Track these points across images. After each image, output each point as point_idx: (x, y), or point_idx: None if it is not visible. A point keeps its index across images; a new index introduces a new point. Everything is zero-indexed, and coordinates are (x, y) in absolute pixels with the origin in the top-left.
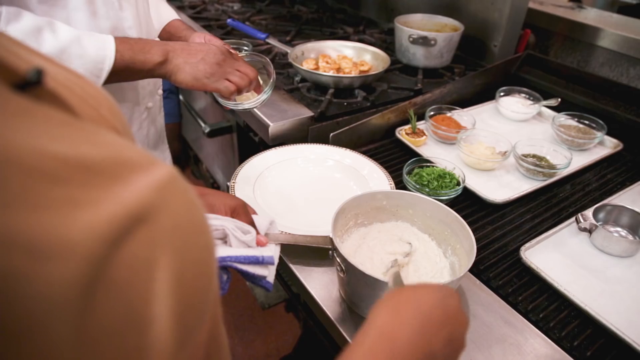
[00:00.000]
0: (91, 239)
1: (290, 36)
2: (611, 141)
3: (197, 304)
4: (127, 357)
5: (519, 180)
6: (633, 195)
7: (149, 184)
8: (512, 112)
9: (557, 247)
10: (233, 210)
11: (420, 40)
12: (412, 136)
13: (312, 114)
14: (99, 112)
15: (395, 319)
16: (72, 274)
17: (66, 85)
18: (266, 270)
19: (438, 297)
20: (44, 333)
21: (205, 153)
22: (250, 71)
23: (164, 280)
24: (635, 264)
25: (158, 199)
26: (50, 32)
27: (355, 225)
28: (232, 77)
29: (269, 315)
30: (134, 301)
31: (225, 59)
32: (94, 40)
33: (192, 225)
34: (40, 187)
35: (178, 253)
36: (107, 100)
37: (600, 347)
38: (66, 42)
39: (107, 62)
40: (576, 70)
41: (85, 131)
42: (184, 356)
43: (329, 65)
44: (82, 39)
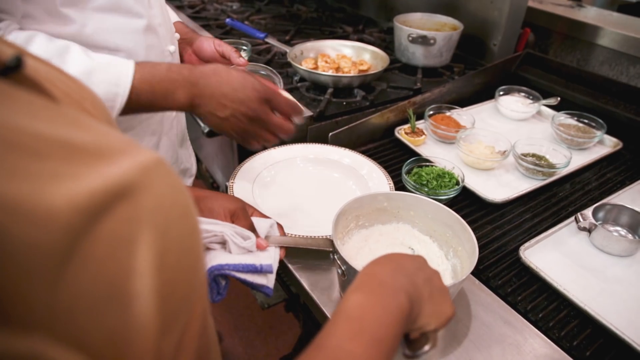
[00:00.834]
0: (70, 209)
1: (289, 35)
2: (611, 140)
3: (182, 288)
4: (110, 333)
5: (519, 180)
6: (633, 194)
7: (132, 164)
8: (511, 111)
9: (556, 247)
10: (233, 213)
11: (420, 40)
12: (411, 135)
13: (311, 113)
14: (82, 105)
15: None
16: (49, 240)
17: (48, 79)
18: (265, 279)
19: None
20: (18, 293)
21: (205, 153)
22: (286, 127)
23: (145, 259)
24: (634, 263)
25: (141, 179)
26: (62, 63)
27: (357, 227)
28: (260, 139)
29: (268, 315)
30: (114, 277)
31: (259, 115)
32: (107, 75)
33: (175, 207)
34: (20, 160)
35: (160, 233)
36: (91, 95)
37: (599, 346)
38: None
39: (117, 101)
40: (576, 69)
41: (68, 115)
42: (171, 342)
43: (328, 64)
44: (93, 73)
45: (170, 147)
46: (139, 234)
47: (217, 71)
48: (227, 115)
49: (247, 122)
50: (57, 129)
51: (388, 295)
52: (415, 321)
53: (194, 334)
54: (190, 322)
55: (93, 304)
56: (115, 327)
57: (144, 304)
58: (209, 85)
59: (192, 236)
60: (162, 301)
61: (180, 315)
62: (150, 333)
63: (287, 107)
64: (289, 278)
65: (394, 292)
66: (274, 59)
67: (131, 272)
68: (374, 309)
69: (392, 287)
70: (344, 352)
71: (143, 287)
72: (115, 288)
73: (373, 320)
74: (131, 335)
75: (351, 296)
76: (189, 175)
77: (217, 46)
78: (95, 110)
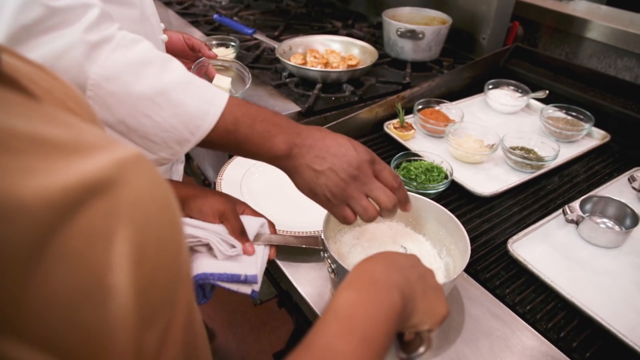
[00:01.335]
0: (41, 203)
1: (278, 31)
2: (599, 132)
3: (163, 282)
4: (86, 331)
5: (507, 173)
6: (620, 186)
7: (109, 159)
8: (500, 105)
9: (544, 239)
10: (222, 214)
11: (408, 34)
12: (400, 130)
13: (300, 109)
14: (66, 104)
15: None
16: (18, 235)
17: (29, 77)
18: (249, 288)
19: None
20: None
21: (196, 150)
22: (387, 199)
23: (123, 253)
24: (621, 255)
25: (118, 173)
26: (159, 69)
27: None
28: (357, 205)
29: (261, 311)
30: (90, 273)
31: (359, 176)
32: (204, 91)
33: (154, 201)
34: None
35: (138, 226)
36: (74, 94)
37: (586, 337)
38: (170, 84)
39: (207, 121)
40: (564, 62)
41: (45, 113)
42: (153, 336)
43: (317, 60)
44: (190, 86)
45: None
46: (117, 228)
47: (322, 129)
48: (325, 169)
49: (347, 179)
50: (32, 125)
51: (380, 292)
52: (409, 319)
53: (179, 328)
54: (174, 317)
55: (68, 301)
56: (92, 324)
57: (122, 299)
58: (312, 136)
59: (172, 230)
60: (141, 295)
61: (163, 310)
62: (130, 328)
63: (393, 178)
64: (278, 275)
65: (386, 289)
66: (262, 55)
67: (108, 267)
68: (365, 307)
69: (385, 284)
70: (333, 351)
71: (121, 281)
72: (91, 284)
73: (364, 318)
74: (110, 332)
75: (342, 293)
76: (181, 162)
77: (187, 40)
78: (79, 108)
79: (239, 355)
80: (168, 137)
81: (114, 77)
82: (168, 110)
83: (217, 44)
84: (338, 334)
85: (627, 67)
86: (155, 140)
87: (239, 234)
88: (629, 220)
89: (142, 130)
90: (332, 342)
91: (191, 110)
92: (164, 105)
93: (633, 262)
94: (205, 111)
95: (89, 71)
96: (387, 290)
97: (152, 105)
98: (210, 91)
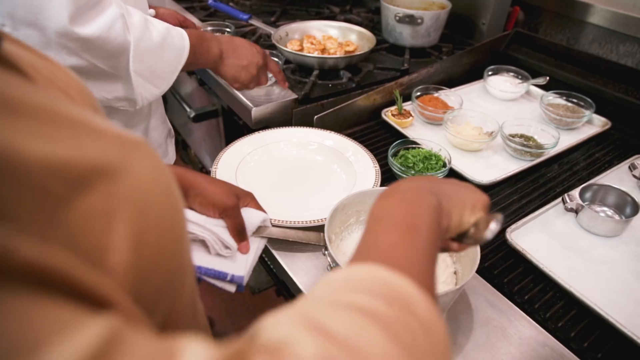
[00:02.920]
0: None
1: (274, 17)
2: (599, 120)
3: (165, 268)
4: None
5: (506, 161)
6: (620, 174)
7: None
8: (500, 92)
9: (543, 228)
10: (223, 210)
11: (407, 19)
12: (398, 117)
13: (296, 96)
14: (67, 92)
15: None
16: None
17: (31, 65)
18: (233, 287)
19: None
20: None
21: (193, 138)
22: (276, 69)
23: (123, 235)
24: (620, 244)
25: (122, 158)
26: (151, 24)
27: (357, 222)
28: (261, 81)
29: (260, 299)
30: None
31: (263, 67)
32: (176, 31)
33: (155, 186)
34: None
35: (139, 210)
36: (76, 83)
37: (584, 327)
38: (164, 32)
39: (185, 51)
40: (565, 47)
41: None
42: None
43: (314, 46)
44: (170, 30)
45: (160, 107)
46: (117, 210)
47: (230, 36)
48: (244, 65)
49: (256, 71)
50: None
51: (413, 194)
52: (450, 216)
53: (180, 316)
54: (176, 303)
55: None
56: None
57: (120, 281)
58: (230, 42)
59: (174, 215)
60: (142, 279)
61: (164, 296)
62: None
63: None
64: (274, 265)
65: (417, 191)
66: (258, 41)
67: (107, 247)
68: (403, 206)
69: (415, 188)
70: (384, 245)
71: (120, 263)
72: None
73: (405, 214)
74: None
75: (377, 203)
76: (172, 136)
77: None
78: (81, 98)
79: None
80: (170, 70)
81: (141, 37)
82: (169, 50)
83: (212, 30)
84: (383, 231)
85: (629, 53)
86: (164, 75)
87: (237, 233)
88: (629, 209)
89: (159, 71)
90: (380, 239)
91: (178, 46)
92: (168, 47)
93: (632, 251)
94: (182, 45)
95: (129, 37)
96: (419, 192)
97: (163, 50)
98: (178, 30)
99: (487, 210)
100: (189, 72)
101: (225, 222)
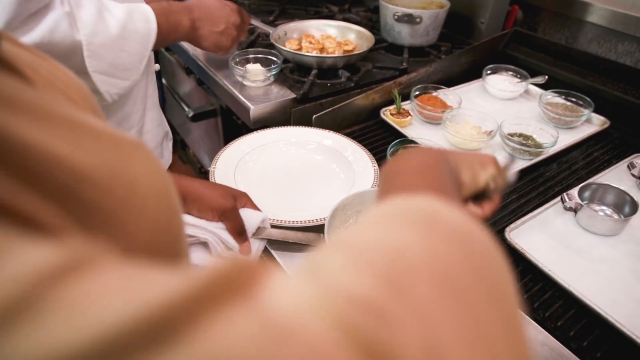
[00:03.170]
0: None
1: (273, 16)
2: (598, 119)
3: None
4: None
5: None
6: (619, 173)
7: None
8: (499, 91)
9: (542, 227)
10: (221, 213)
11: (406, 18)
12: (397, 117)
13: (295, 95)
14: (67, 94)
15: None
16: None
17: (30, 65)
18: None
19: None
20: None
21: (192, 138)
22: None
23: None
24: (619, 243)
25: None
26: (107, 12)
27: (357, 222)
28: (241, 39)
29: None
30: None
31: (241, 25)
32: (139, 14)
33: (151, 187)
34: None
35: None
36: (76, 84)
37: (583, 326)
38: (124, 20)
39: (151, 36)
40: (564, 46)
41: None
42: None
43: (313, 45)
44: (132, 13)
45: (155, 109)
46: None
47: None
48: (222, 30)
49: (236, 32)
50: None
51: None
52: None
53: None
54: None
55: None
56: None
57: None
58: (200, 6)
59: (171, 217)
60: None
61: None
62: None
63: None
64: (271, 264)
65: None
66: (257, 41)
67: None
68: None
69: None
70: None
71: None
72: None
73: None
74: None
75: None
76: (169, 139)
77: None
78: (81, 99)
79: None
80: (136, 60)
81: (93, 33)
82: (132, 39)
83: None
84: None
85: (628, 52)
86: (130, 67)
87: (238, 234)
88: (627, 208)
89: (123, 63)
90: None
91: (142, 32)
92: (129, 36)
93: (631, 250)
94: (148, 29)
95: (78, 36)
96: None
97: (124, 40)
98: (141, 10)
99: (497, 165)
100: (188, 71)
101: (225, 225)
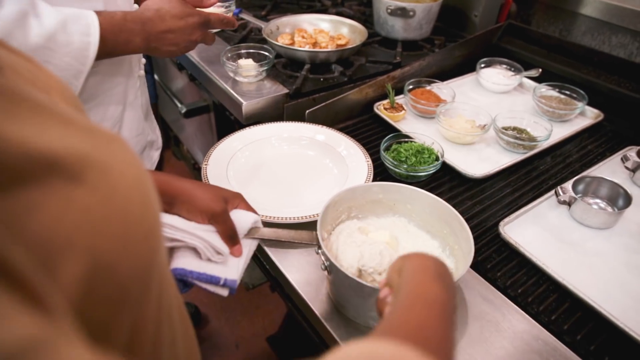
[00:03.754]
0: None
1: (265, 11)
2: (592, 111)
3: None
4: None
5: (499, 154)
6: (613, 165)
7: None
8: (492, 84)
9: (536, 221)
10: (211, 216)
11: (399, 12)
12: (390, 111)
13: (287, 90)
14: (50, 94)
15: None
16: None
17: (12, 67)
18: (226, 291)
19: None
20: None
21: (186, 134)
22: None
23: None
24: (613, 235)
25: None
26: (35, 18)
27: (349, 218)
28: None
29: (254, 295)
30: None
31: (203, 25)
32: (79, 25)
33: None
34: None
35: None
36: (59, 84)
37: (577, 320)
38: (52, 29)
39: (91, 50)
40: (557, 39)
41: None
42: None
43: (305, 40)
44: (67, 23)
45: (135, 118)
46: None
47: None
48: (186, 38)
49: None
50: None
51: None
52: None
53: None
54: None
55: None
56: None
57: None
58: (156, 21)
59: (143, 210)
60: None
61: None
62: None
63: (220, 23)
64: (267, 262)
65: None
66: (249, 36)
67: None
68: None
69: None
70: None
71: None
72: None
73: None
74: None
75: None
76: (156, 148)
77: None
78: (63, 99)
79: (232, 339)
80: (69, 75)
81: (6, 35)
82: (60, 51)
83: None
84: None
85: (622, 44)
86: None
87: (228, 238)
88: (621, 201)
89: None
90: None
91: (76, 45)
92: (56, 47)
93: (625, 243)
94: (86, 42)
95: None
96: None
97: (48, 51)
98: (83, 21)
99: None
100: (180, 67)
101: (215, 228)
